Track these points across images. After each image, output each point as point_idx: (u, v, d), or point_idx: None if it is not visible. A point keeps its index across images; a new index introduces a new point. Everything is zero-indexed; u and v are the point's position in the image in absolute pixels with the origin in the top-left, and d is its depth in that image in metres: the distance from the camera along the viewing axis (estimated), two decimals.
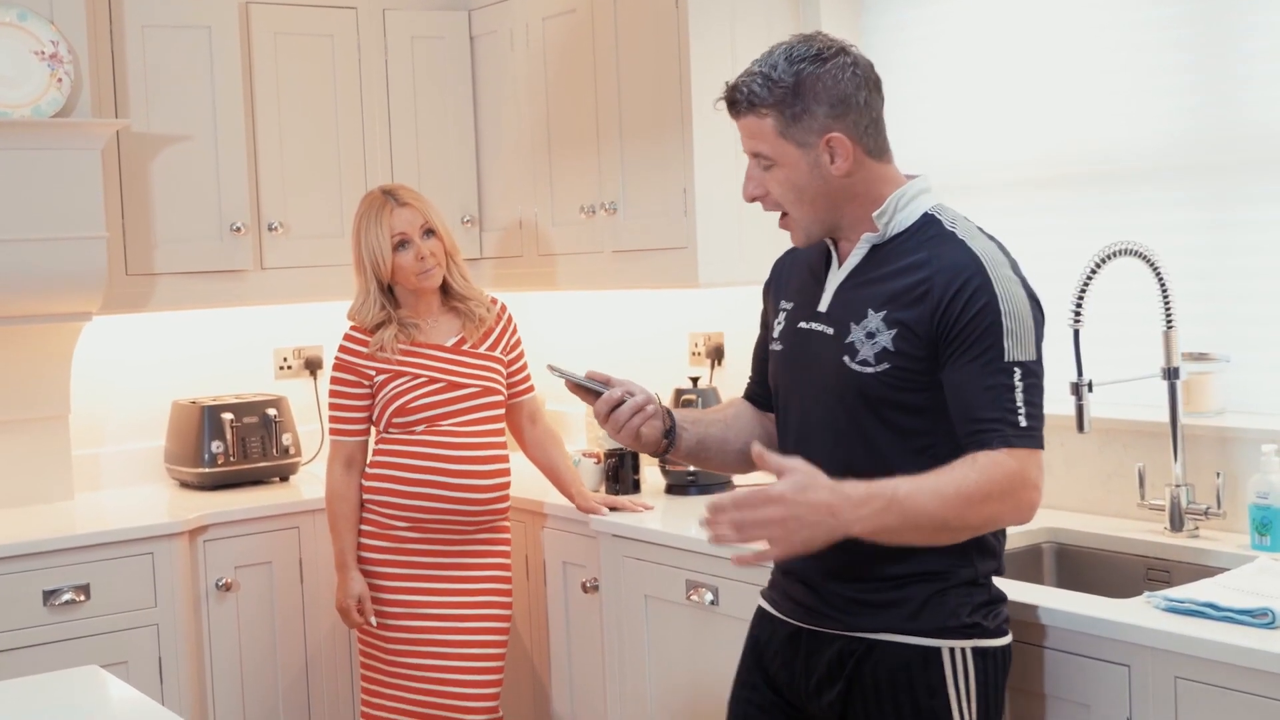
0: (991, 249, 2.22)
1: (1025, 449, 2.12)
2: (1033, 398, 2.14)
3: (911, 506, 2.07)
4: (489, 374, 3.48)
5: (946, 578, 2.23)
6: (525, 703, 3.90)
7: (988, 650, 2.26)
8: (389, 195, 3.48)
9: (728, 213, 3.70)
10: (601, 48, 3.93)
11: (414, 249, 3.43)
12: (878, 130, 2.26)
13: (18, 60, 3.64)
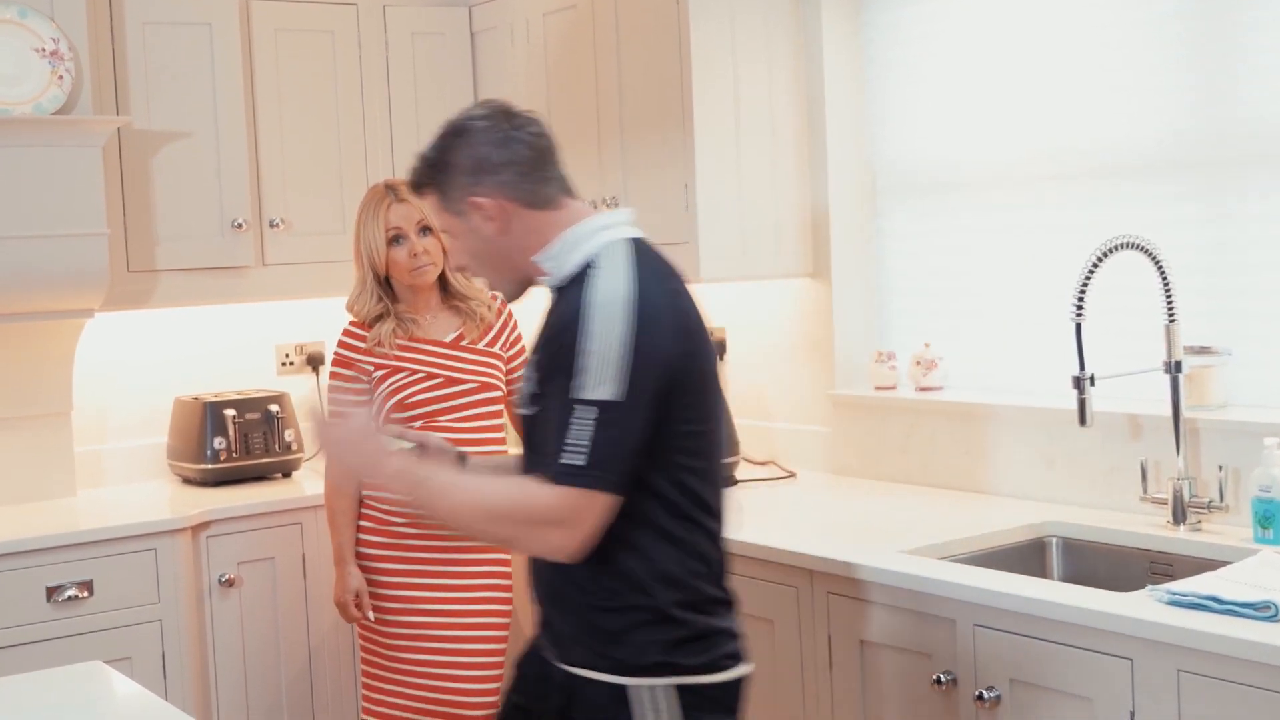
0: (615, 287, 2.13)
1: (573, 488, 2.08)
2: (603, 437, 2.07)
3: (440, 496, 2.18)
4: (488, 370, 3.47)
5: (626, 611, 2.18)
6: None
7: (693, 687, 2.18)
8: (390, 190, 3.47)
9: (729, 208, 3.70)
10: (602, 43, 3.93)
11: (408, 245, 3.42)
12: (533, 181, 2.25)
13: (18, 57, 3.64)
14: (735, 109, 3.72)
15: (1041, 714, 2.49)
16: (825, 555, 2.88)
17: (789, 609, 2.97)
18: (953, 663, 2.62)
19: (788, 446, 3.93)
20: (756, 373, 4.05)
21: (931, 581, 2.66)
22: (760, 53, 3.76)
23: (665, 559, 2.18)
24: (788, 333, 3.96)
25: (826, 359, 3.85)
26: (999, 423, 3.39)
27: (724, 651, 2.24)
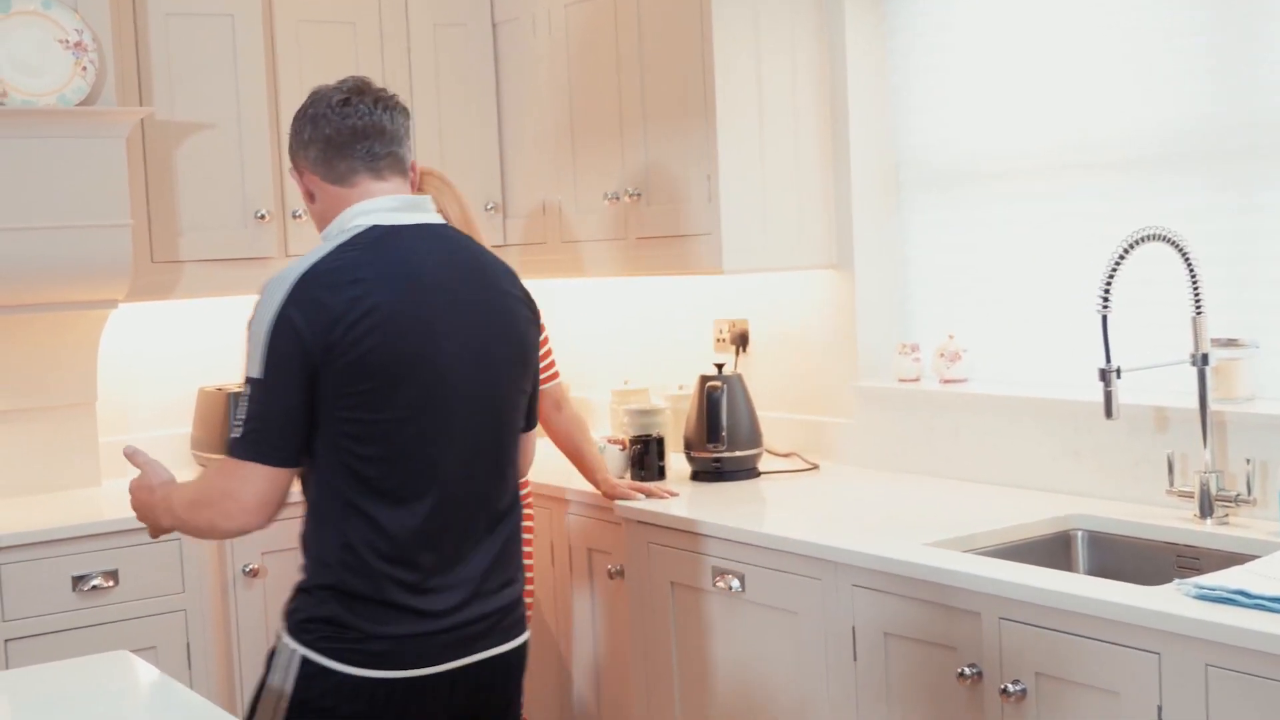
0: (287, 271, 2.27)
1: (231, 459, 2.26)
2: (253, 411, 2.23)
3: (166, 501, 2.41)
4: None
5: (301, 570, 2.38)
6: (549, 689, 3.91)
7: (312, 666, 2.27)
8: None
9: (752, 199, 3.69)
10: (624, 33, 3.92)
11: None
12: (333, 158, 2.38)
13: (42, 49, 3.65)
14: (758, 99, 3.71)
15: (1067, 708, 2.48)
16: (849, 547, 2.88)
17: (813, 601, 2.97)
18: (978, 656, 2.61)
19: (810, 438, 3.93)
20: (779, 364, 4.04)
21: (956, 574, 2.65)
22: (783, 42, 3.75)
23: (320, 539, 2.32)
24: (810, 324, 3.95)
25: (849, 351, 3.84)
26: (1024, 415, 3.38)
27: (347, 645, 2.26)
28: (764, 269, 3.82)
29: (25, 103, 3.60)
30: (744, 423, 3.70)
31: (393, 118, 2.41)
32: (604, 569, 3.62)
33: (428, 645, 2.30)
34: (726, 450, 3.67)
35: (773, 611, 3.09)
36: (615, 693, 3.66)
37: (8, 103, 3.57)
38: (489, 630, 2.37)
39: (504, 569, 2.41)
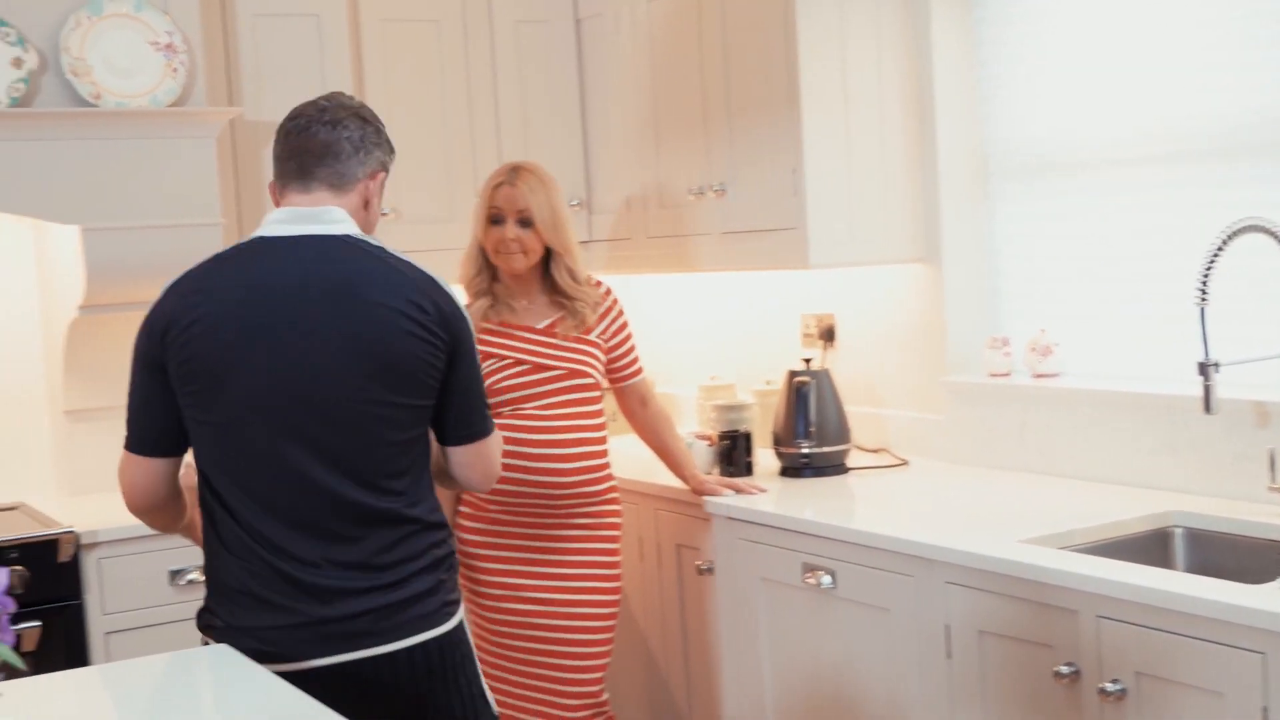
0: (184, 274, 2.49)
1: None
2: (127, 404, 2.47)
3: None
4: (579, 357, 3.45)
5: None
6: (637, 686, 3.91)
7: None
8: (512, 171, 3.47)
9: (838, 192, 3.67)
10: (708, 27, 3.91)
11: (503, 229, 3.43)
12: (277, 173, 2.53)
13: (134, 51, 3.70)
14: (843, 91, 3.68)
15: (1169, 709, 2.44)
16: (943, 544, 2.85)
17: (905, 598, 2.94)
18: (1075, 655, 2.58)
19: (899, 434, 3.89)
20: (866, 359, 4.01)
21: (1053, 571, 2.61)
22: (868, 32, 3.71)
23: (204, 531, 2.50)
24: (898, 319, 3.92)
25: (938, 345, 3.80)
26: (1119, 410, 3.33)
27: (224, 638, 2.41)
28: (850, 263, 3.80)
29: (118, 104, 3.65)
30: (832, 418, 3.68)
31: (336, 134, 2.50)
32: (692, 565, 3.61)
33: (290, 639, 2.39)
34: (815, 446, 3.65)
35: (865, 608, 3.06)
36: (704, 690, 3.66)
37: (101, 105, 3.62)
38: (368, 630, 2.40)
39: (382, 572, 2.43)
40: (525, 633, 3.43)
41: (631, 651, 3.90)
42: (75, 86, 3.62)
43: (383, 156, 2.57)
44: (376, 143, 2.55)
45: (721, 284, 4.54)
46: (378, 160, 2.55)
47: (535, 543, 3.43)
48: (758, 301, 4.40)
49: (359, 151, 2.51)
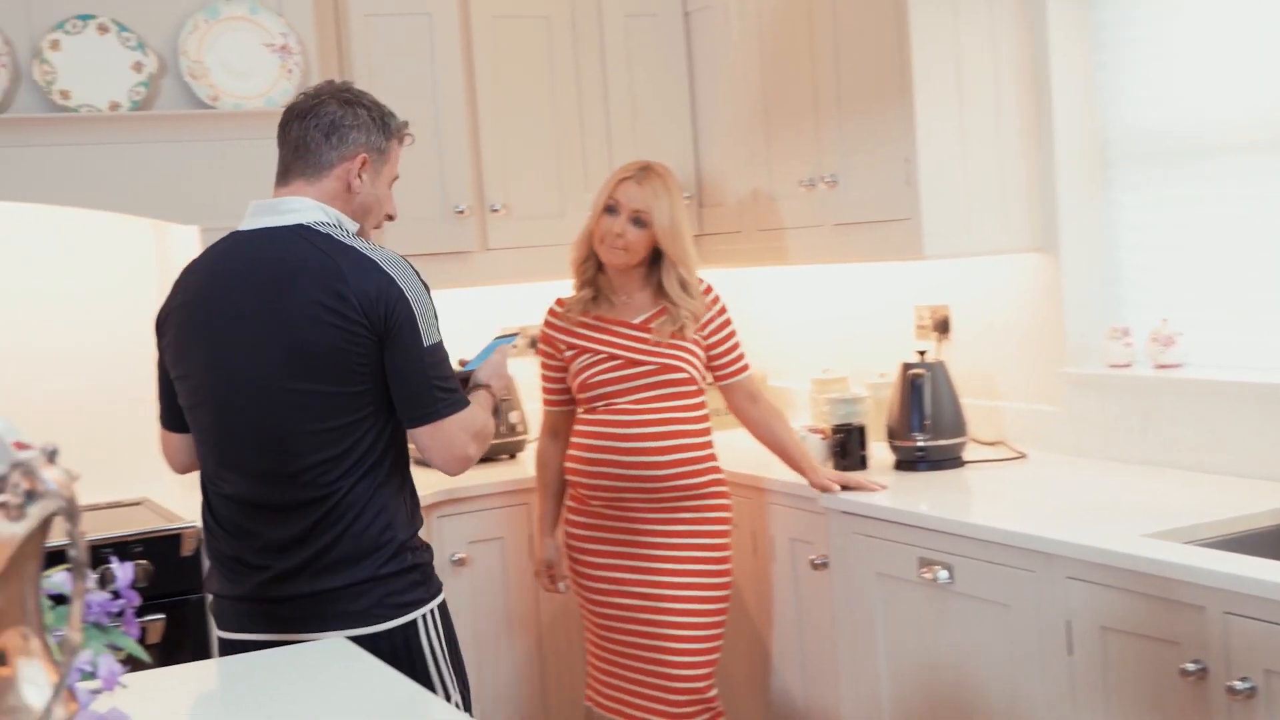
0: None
1: None
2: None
3: None
4: (673, 352, 3.43)
5: None
6: (752, 680, 3.89)
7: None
8: (641, 169, 3.47)
9: (952, 182, 3.61)
10: (818, 16, 3.87)
11: (613, 222, 3.43)
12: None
13: (249, 53, 3.76)
14: (957, 78, 3.63)
15: None
16: (1063, 539, 2.79)
17: (1025, 593, 2.89)
18: (1202, 652, 2.51)
19: (1017, 426, 3.83)
20: (983, 351, 3.95)
21: (1178, 567, 2.54)
22: (982, 17, 3.65)
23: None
24: (1015, 309, 3.85)
25: (1056, 336, 3.73)
26: (1244, 401, 3.24)
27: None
28: (965, 253, 3.74)
29: (235, 106, 3.71)
30: (947, 410, 3.63)
31: (305, 125, 2.61)
32: (806, 559, 3.58)
33: (231, 611, 2.59)
34: (930, 439, 3.60)
35: (983, 604, 3.02)
36: (819, 685, 3.63)
37: (219, 106, 3.69)
38: (292, 616, 2.51)
39: (314, 559, 2.50)
40: (630, 627, 3.43)
41: (744, 647, 3.88)
42: (193, 89, 3.68)
43: (365, 138, 2.61)
44: (355, 125, 2.59)
45: (833, 276, 4.50)
46: (356, 143, 2.60)
47: (638, 537, 3.43)
48: (870, 294, 4.35)
49: (330, 137, 2.59)
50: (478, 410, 2.62)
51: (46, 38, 3.54)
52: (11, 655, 1.08)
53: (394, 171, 2.70)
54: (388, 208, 2.70)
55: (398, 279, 2.49)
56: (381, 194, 2.66)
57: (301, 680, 2.26)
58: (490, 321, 4.56)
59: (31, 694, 1.09)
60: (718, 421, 3.88)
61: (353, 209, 2.61)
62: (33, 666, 1.10)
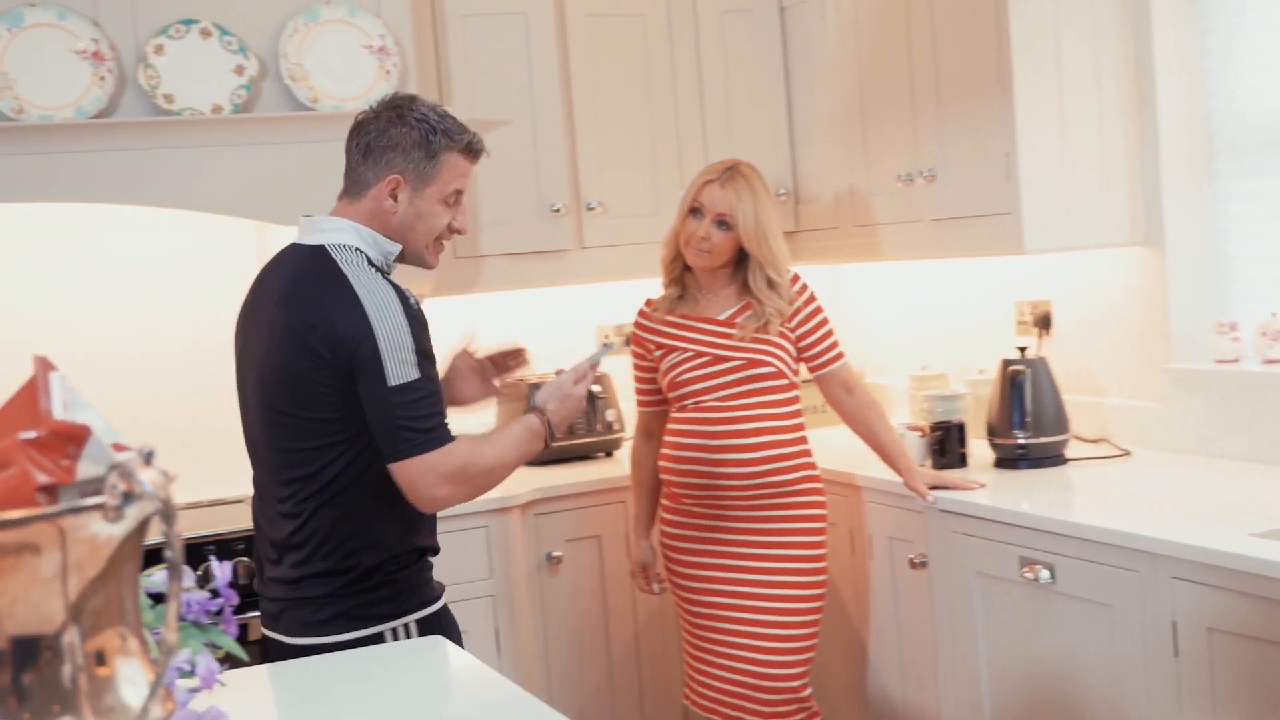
0: None
1: None
2: None
3: None
4: (759, 347, 3.40)
5: None
6: (849, 679, 3.86)
7: None
8: (726, 170, 3.43)
9: (1053, 175, 3.56)
10: (915, 8, 3.83)
11: (697, 225, 3.41)
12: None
13: (348, 55, 3.79)
14: (1057, 69, 3.57)
15: None
16: (1168, 538, 2.74)
17: (1129, 594, 2.84)
18: None
19: (1120, 423, 3.76)
20: (1085, 346, 3.88)
21: None
22: (1083, 7, 3.59)
23: None
24: (1117, 304, 3.78)
25: (1160, 331, 3.66)
26: None
27: None
28: (1066, 248, 3.68)
29: (334, 107, 3.75)
30: (1049, 407, 3.57)
31: (350, 144, 2.65)
32: (905, 558, 3.55)
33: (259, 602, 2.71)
34: (1031, 436, 3.55)
35: (1085, 604, 2.97)
36: (918, 685, 3.59)
37: (318, 108, 3.73)
38: (279, 614, 2.62)
39: (287, 565, 2.59)
40: (724, 625, 3.42)
41: (841, 647, 3.85)
42: (293, 91, 3.73)
43: (401, 158, 2.57)
44: (391, 145, 2.57)
45: (933, 271, 4.45)
46: (391, 164, 2.57)
47: (730, 535, 3.41)
48: (969, 289, 4.30)
49: (367, 157, 2.60)
50: (460, 450, 2.51)
51: (151, 43, 3.60)
52: (110, 655, 1.10)
53: (447, 189, 2.61)
54: (441, 225, 2.63)
55: (373, 316, 2.45)
56: (426, 211, 2.59)
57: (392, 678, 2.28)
58: (587, 320, 4.59)
59: (130, 693, 1.10)
60: (813, 418, 3.86)
61: (391, 230, 2.60)
62: (131, 666, 1.12)
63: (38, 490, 1.06)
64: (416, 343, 2.49)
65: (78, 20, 3.54)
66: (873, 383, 4.57)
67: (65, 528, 1.04)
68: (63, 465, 1.07)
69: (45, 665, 1.07)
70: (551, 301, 4.53)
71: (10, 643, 1.06)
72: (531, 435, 2.62)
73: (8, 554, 1.04)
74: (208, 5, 3.68)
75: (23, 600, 1.04)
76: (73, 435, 1.08)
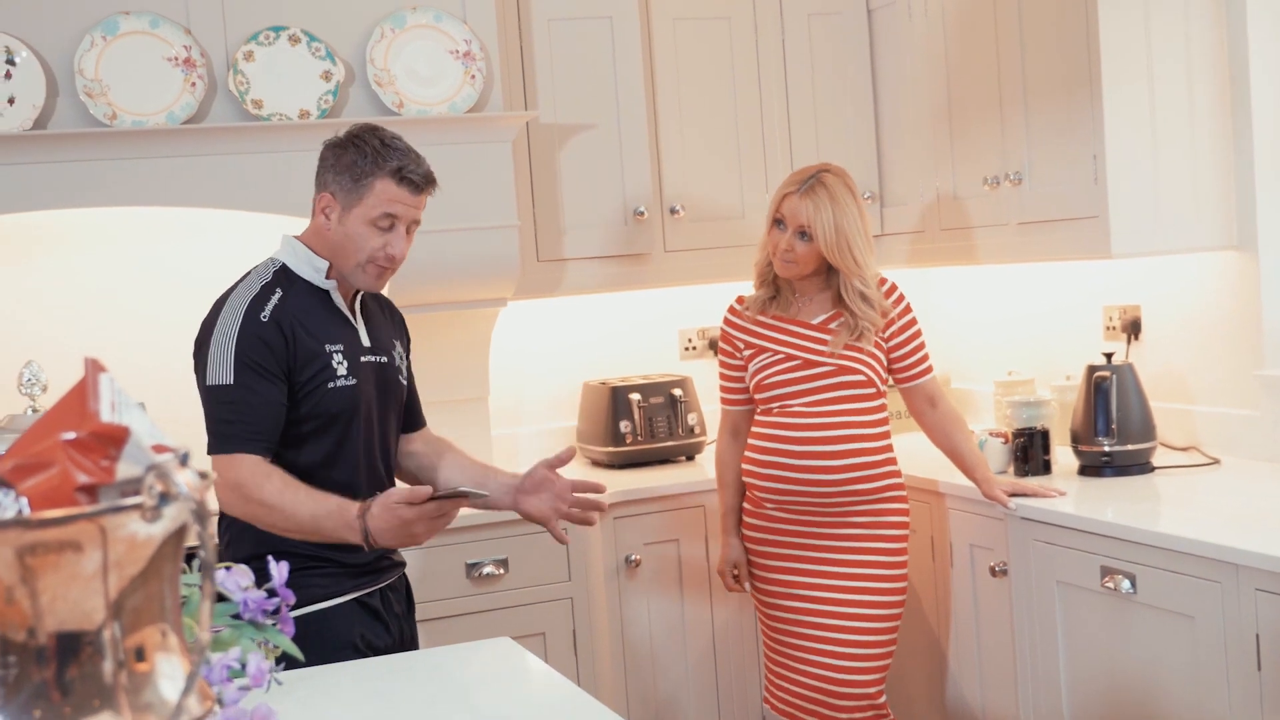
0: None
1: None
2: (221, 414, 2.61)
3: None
4: (850, 353, 3.38)
5: None
6: (929, 686, 3.82)
7: None
8: (806, 180, 3.39)
9: (1142, 178, 3.50)
10: (1004, 12, 3.78)
11: (781, 237, 3.39)
12: None
13: (434, 60, 3.83)
14: (1148, 71, 3.51)
15: None
16: (1253, 549, 2.68)
17: (1211, 605, 2.78)
18: None
19: (1210, 431, 3.69)
20: (1175, 352, 3.81)
21: None
22: (1176, 6, 3.52)
23: None
24: (1208, 309, 3.71)
25: (1253, 336, 3.58)
26: None
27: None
28: (1156, 252, 3.61)
29: (419, 112, 3.79)
30: (1135, 414, 3.51)
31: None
32: (986, 565, 3.51)
33: None
34: (1116, 443, 3.49)
35: (1167, 615, 2.91)
36: (997, 694, 3.54)
37: (404, 113, 3.77)
38: None
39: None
40: (802, 630, 3.40)
41: (921, 654, 3.81)
42: (380, 96, 3.77)
43: (331, 177, 2.70)
44: (324, 166, 2.71)
45: (1020, 276, 4.40)
46: (323, 183, 2.71)
47: (812, 540, 3.40)
48: (1059, 294, 4.24)
49: (316, 176, 2.74)
50: (247, 467, 2.56)
51: (241, 49, 3.67)
52: (150, 650, 1.12)
53: (374, 212, 2.65)
54: (369, 248, 2.67)
55: (221, 316, 2.65)
56: (354, 233, 2.66)
57: (461, 679, 2.30)
58: (669, 324, 4.59)
59: (168, 689, 1.12)
60: (898, 424, 3.83)
61: (327, 246, 2.72)
62: (171, 662, 1.14)
63: (77, 490, 1.09)
64: (239, 350, 2.60)
65: (170, 28, 3.61)
66: (959, 388, 4.52)
67: (106, 526, 1.07)
68: (102, 466, 1.10)
69: (86, 661, 1.09)
70: (633, 305, 4.54)
71: (52, 639, 1.08)
72: (341, 520, 2.54)
73: (50, 551, 1.06)
74: (296, 12, 3.73)
75: (63, 597, 1.07)
76: (113, 436, 1.10)
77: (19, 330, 3.81)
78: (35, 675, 1.08)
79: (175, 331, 3.97)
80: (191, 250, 3.99)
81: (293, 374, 2.63)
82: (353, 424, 2.70)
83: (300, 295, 2.69)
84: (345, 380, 2.68)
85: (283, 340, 2.62)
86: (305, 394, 2.64)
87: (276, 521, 2.56)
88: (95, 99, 3.54)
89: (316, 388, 2.65)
